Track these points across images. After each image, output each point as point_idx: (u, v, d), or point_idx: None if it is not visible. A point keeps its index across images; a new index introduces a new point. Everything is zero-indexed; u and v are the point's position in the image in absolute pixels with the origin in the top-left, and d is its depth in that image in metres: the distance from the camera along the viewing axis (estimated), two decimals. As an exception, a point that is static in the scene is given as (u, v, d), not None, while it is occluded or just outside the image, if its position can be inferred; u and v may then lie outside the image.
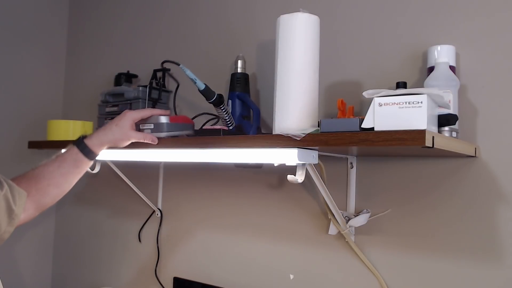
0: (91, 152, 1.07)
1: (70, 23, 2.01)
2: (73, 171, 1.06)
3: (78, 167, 1.07)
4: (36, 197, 1.02)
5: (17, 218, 0.97)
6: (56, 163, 1.05)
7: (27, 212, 1.00)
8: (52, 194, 1.04)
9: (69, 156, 1.06)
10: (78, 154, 1.06)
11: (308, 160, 0.92)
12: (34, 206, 1.02)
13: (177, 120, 1.13)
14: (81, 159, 1.06)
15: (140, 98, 1.44)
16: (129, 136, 1.08)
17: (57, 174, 1.04)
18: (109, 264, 1.74)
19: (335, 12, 1.25)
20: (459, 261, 1.03)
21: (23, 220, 1.00)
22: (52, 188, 1.04)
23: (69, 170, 1.05)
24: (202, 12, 1.55)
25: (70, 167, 1.06)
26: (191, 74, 1.07)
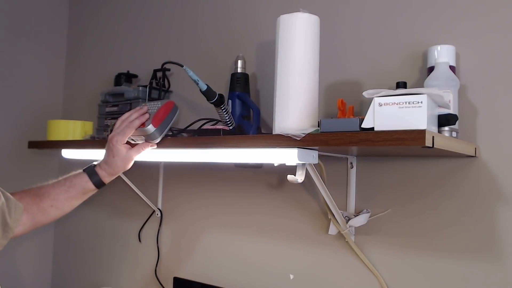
0: (102, 182, 1.09)
1: (70, 23, 2.01)
2: (79, 197, 1.08)
3: (85, 193, 1.08)
4: (36, 215, 1.02)
5: (11, 232, 0.97)
6: (64, 187, 1.05)
7: (23, 226, 1.01)
8: (52, 215, 1.05)
9: (79, 183, 1.07)
10: (88, 182, 1.07)
11: (308, 160, 0.92)
12: (32, 222, 1.02)
13: (161, 119, 1.08)
14: (90, 188, 1.08)
15: (140, 98, 1.44)
16: (131, 159, 1.08)
17: (62, 197, 1.05)
18: (109, 264, 1.74)
19: (335, 12, 1.25)
20: (459, 261, 1.04)
21: (18, 233, 1.00)
22: (54, 210, 1.04)
23: (75, 196, 1.07)
24: (202, 12, 1.55)
25: (77, 193, 1.07)
26: (194, 75, 1.07)
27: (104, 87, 1.70)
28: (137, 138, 1.09)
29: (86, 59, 1.92)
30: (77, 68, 1.96)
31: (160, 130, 1.07)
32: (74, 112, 1.92)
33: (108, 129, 1.37)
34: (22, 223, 0.99)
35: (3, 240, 0.96)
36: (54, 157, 1.92)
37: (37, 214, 1.02)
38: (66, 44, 2.01)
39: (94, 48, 1.90)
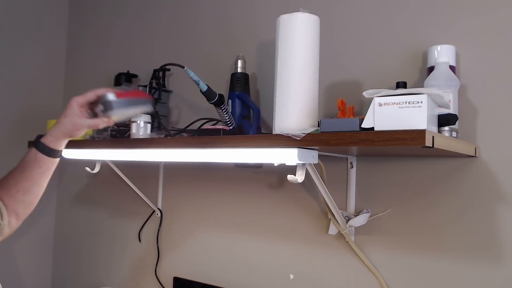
0: (50, 149, 1.03)
1: (70, 23, 2.01)
2: (37, 171, 1.03)
3: (41, 166, 1.03)
4: (11, 206, 1.00)
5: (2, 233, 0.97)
6: (19, 168, 1.03)
7: (10, 225, 1.00)
8: (25, 201, 1.02)
9: (29, 158, 1.03)
10: (37, 153, 1.03)
11: (308, 160, 0.92)
12: (13, 215, 1.01)
13: (127, 95, 1.03)
14: (42, 158, 1.03)
15: (140, 98, 1.44)
16: (81, 125, 1.03)
17: (22, 179, 1.02)
18: (109, 264, 1.74)
19: (335, 12, 1.25)
20: (459, 260, 1.04)
21: (8, 234, 1.00)
22: (21, 194, 1.01)
23: (32, 172, 1.02)
24: (202, 12, 1.55)
25: (32, 168, 1.03)
26: (195, 76, 1.07)
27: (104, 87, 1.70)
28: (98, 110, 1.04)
29: (86, 59, 1.92)
30: (77, 68, 1.96)
31: (119, 104, 1.02)
32: (74, 112, 1.92)
33: (108, 129, 1.36)
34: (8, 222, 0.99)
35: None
36: (54, 157, 1.92)
37: (11, 205, 1.00)
38: (66, 44, 2.01)
39: (94, 48, 1.90)
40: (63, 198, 1.94)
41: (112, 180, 1.69)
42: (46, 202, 1.93)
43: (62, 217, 1.94)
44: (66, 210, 1.92)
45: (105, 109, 1.02)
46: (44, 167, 1.04)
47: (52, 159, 1.04)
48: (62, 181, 1.95)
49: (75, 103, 1.03)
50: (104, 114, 1.02)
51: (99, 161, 1.46)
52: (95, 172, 1.45)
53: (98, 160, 1.46)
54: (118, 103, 1.02)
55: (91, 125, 1.04)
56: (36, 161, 1.03)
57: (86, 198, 1.85)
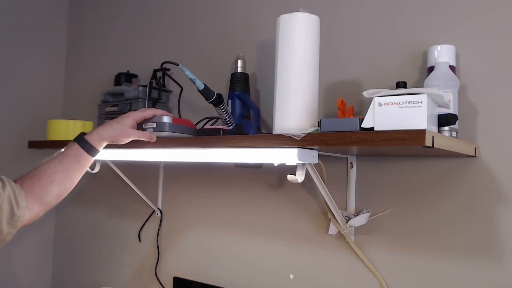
0: (92, 147, 1.08)
1: (70, 23, 2.01)
2: (74, 166, 1.06)
3: (78, 162, 1.07)
4: (39, 195, 1.01)
5: (19, 220, 0.97)
6: (57, 159, 1.06)
7: (31, 211, 1.00)
8: (55, 192, 1.04)
9: (70, 152, 1.07)
10: (79, 149, 1.07)
11: (308, 160, 0.92)
12: (38, 204, 1.01)
13: (180, 122, 1.14)
14: (81, 154, 1.07)
15: (140, 98, 1.44)
16: (129, 134, 1.10)
17: (58, 170, 1.04)
18: (109, 264, 1.74)
19: (335, 12, 1.25)
20: (459, 260, 1.04)
21: (28, 220, 1.00)
22: (55, 185, 1.03)
23: (70, 165, 1.06)
24: (202, 12, 1.55)
25: (71, 162, 1.06)
26: (190, 74, 1.07)
27: (104, 87, 1.70)
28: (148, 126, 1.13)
29: (86, 59, 1.92)
30: (77, 68, 1.96)
31: (172, 127, 1.11)
32: (74, 112, 1.92)
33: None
34: (29, 209, 0.99)
35: (12, 230, 0.96)
36: (54, 157, 1.92)
37: (40, 194, 1.01)
38: (66, 44, 2.01)
39: (94, 48, 1.90)
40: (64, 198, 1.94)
41: (112, 180, 1.69)
42: (46, 202, 1.94)
43: (62, 217, 1.94)
44: (66, 210, 1.92)
45: (157, 128, 1.10)
46: (81, 163, 1.07)
47: (90, 157, 1.08)
48: (62, 181, 1.95)
49: (132, 116, 1.11)
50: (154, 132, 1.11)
51: (99, 161, 1.46)
52: (95, 172, 1.45)
53: (98, 160, 1.46)
54: (171, 127, 1.11)
55: (137, 136, 1.10)
56: (76, 156, 1.06)
57: (86, 198, 1.85)
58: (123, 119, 1.10)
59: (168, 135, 1.11)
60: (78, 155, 1.07)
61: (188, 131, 1.15)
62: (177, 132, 1.13)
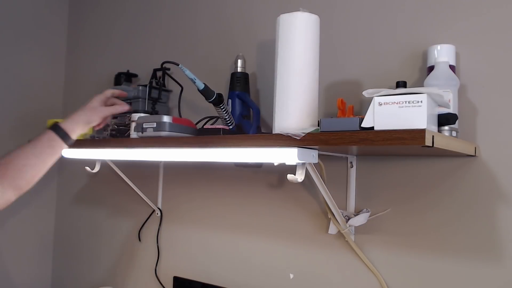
0: (66, 134, 1.11)
1: (70, 23, 2.01)
2: (47, 151, 1.09)
3: (51, 147, 1.10)
4: (13, 179, 1.03)
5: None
6: (30, 145, 1.09)
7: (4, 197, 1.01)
8: (28, 175, 1.06)
9: (43, 137, 1.11)
10: (52, 134, 1.11)
11: (308, 159, 0.92)
12: (11, 188, 1.03)
13: (180, 122, 1.14)
14: (54, 139, 1.10)
15: (140, 97, 1.44)
16: (100, 111, 1.16)
17: (31, 154, 1.07)
18: (109, 264, 1.74)
19: (335, 11, 1.25)
20: (459, 260, 1.04)
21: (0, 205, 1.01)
22: (28, 169, 1.06)
23: (43, 150, 1.09)
24: (202, 11, 1.55)
25: (44, 147, 1.09)
26: (190, 74, 1.07)
27: (104, 87, 1.70)
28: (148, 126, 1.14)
29: (86, 59, 1.92)
30: (77, 68, 1.96)
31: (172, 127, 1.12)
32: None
33: (108, 129, 1.36)
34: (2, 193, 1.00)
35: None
36: (54, 156, 1.92)
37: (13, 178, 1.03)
38: (66, 44, 2.01)
39: (94, 47, 1.90)
40: (63, 197, 1.94)
41: (112, 179, 1.69)
42: (46, 202, 1.94)
43: (62, 216, 1.94)
44: (66, 209, 1.92)
45: (157, 127, 1.12)
46: (54, 149, 1.11)
47: (63, 143, 1.11)
48: (62, 180, 1.95)
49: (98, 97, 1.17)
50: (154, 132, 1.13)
51: (99, 160, 1.46)
52: (95, 172, 1.45)
53: (98, 160, 1.46)
54: (172, 126, 1.12)
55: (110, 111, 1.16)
56: (49, 140, 1.10)
57: (86, 197, 1.85)
58: (91, 101, 1.17)
59: (168, 135, 1.11)
60: (52, 140, 1.10)
61: (188, 131, 1.15)
62: (177, 131, 1.13)
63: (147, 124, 1.13)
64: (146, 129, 1.13)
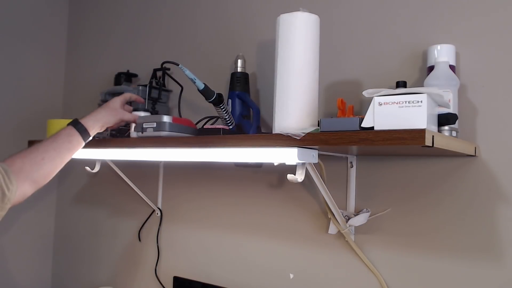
0: (85, 130, 1.13)
1: (70, 23, 2.01)
2: (66, 146, 1.11)
3: (70, 142, 1.11)
4: (31, 172, 1.03)
5: (9, 202, 0.98)
6: (50, 139, 1.11)
7: (21, 189, 1.01)
8: (45, 169, 1.07)
9: (63, 132, 1.12)
10: (72, 129, 1.13)
11: (308, 159, 0.92)
12: (28, 182, 1.03)
13: (180, 122, 1.15)
14: (74, 134, 1.12)
15: (140, 97, 1.44)
16: (122, 115, 1.21)
17: (50, 148, 1.08)
18: (109, 264, 1.74)
19: (335, 11, 1.25)
20: (459, 260, 1.04)
21: (18, 199, 1.01)
22: (46, 162, 1.06)
23: (62, 145, 1.10)
24: (202, 11, 1.55)
25: (63, 142, 1.11)
26: (190, 74, 1.07)
27: (104, 87, 1.70)
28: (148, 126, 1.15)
29: (86, 59, 1.92)
30: (77, 68, 1.96)
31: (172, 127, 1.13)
32: (74, 112, 1.92)
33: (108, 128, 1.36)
34: (20, 186, 1.00)
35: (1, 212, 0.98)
36: (54, 156, 1.92)
37: (31, 171, 1.03)
38: (66, 44, 2.01)
39: (94, 47, 1.90)
40: (63, 197, 1.94)
41: (112, 179, 1.69)
42: (46, 202, 1.94)
43: (62, 216, 1.94)
44: (66, 209, 1.92)
45: (157, 127, 1.12)
46: (72, 143, 1.12)
47: (81, 140, 1.13)
48: (62, 180, 1.95)
49: (118, 99, 1.22)
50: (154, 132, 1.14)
51: (99, 160, 1.46)
52: (95, 172, 1.45)
53: (98, 160, 1.46)
54: (172, 126, 1.12)
55: (128, 117, 1.21)
56: (68, 135, 1.12)
57: (86, 197, 1.85)
58: (112, 103, 1.21)
59: (168, 135, 1.11)
60: (71, 135, 1.12)
61: (188, 131, 1.16)
62: (177, 131, 1.13)
63: (147, 124, 1.14)
64: (146, 129, 1.13)
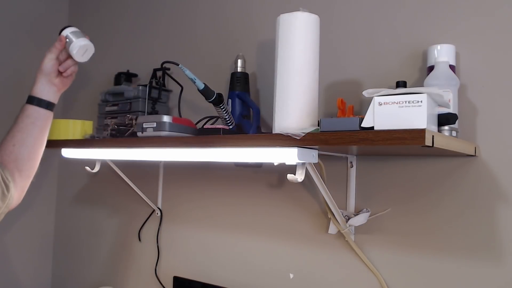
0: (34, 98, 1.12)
1: (70, 23, 2.01)
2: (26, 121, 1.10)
3: (28, 116, 1.11)
4: (12, 164, 1.04)
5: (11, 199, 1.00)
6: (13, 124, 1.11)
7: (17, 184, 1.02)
8: (24, 154, 1.06)
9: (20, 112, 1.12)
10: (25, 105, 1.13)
11: (308, 159, 0.92)
12: (16, 173, 1.03)
13: (180, 122, 1.15)
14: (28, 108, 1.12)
15: (140, 97, 1.44)
16: (47, 57, 1.20)
17: (16, 131, 1.08)
18: (109, 264, 1.74)
19: (335, 11, 1.25)
20: (459, 260, 1.04)
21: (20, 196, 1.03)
22: (17, 147, 1.06)
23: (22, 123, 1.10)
24: (202, 11, 1.55)
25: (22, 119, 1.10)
26: (190, 74, 1.07)
27: (104, 86, 1.70)
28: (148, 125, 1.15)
29: (86, 59, 1.92)
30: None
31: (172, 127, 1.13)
32: (74, 111, 1.92)
33: (108, 128, 1.36)
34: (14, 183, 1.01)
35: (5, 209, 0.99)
36: (54, 156, 1.92)
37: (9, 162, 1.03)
38: (66, 43, 2.01)
39: (94, 47, 1.90)
40: (63, 197, 1.94)
41: (112, 179, 1.69)
42: (46, 202, 1.94)
43: (62, 216, 1.94)
44: (66, 209, 1.92)
45: (157, 127, 1.12)
46: (32, 117, 1.11)
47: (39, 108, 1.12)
48: (62, 180, 1.95)
49: (44, 60, 1.21)
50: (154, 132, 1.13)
51: (99, 160, 1.46)
52: (95, 172, 1.45)
53: (98, 160, 1.46)
54: (172, 126, 1.12)
55: (51, 50, 1.20)
56: (23, 111, 1.12)
57: (86, 197, 1.85)
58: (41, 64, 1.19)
59: (168, 135, 1.11)
60: (25, 110, 1.11)
61: (188, 131, 1.16)
62: (177, 131, 1.13)
63: (147, 124, 1.13)
64: (146, 129, 1.13)
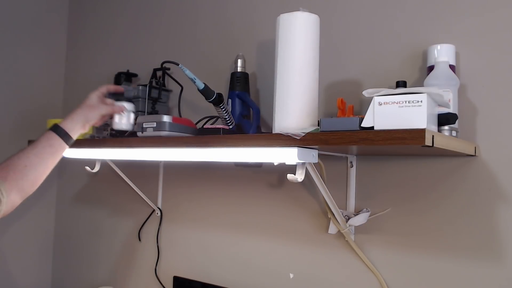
0: (66, 133, 1.12)
1: (70, 22, 2.01)
2: (47, 150, 1.10)
3: (51, 146, 1.11)
4: (15, 181, 1.03)
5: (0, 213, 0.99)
6: (30, 146, 1.10)
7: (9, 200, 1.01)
8: (30, 176, 1.06)
9: (43, 137, 1.12)
10: (52, 133, 1.12)
11: (308, 159, 0.92)
12: (15, 191, 1.03)
13: (180, 121, 1.15)
14: (54, 138, 1.11)
15: (140, 97, 1.44)
16: (100, 109, 1.19)
17: (31, 154, 1.07)
18: (109, 264, 1.74)
19: (335, 11, 1.25)
20: (459, 260, 1.04)
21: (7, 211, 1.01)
22: (29, 169, 1.05)
23: (43, 149, 1.09)
24: (202, 11, 1.55)
25: (43, 146, 1.10)
26: (190, 74, 1.07)
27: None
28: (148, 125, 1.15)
29: (86, 59, 1.92)
30: (77, 68, 1.96)
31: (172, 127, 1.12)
32: (74, 112, 1.92)
33: (107, 128, 1.36)
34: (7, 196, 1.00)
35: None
36: (54, 156, 1.92)
37: (15, 180, 1.03)
38: (66, 43, 2.01)
39: (94, 47, 1.90)
40: (63, 197, 1.94)
41: (112, 179, 1.69)
42: (46, 202, 1.94)
43: (62, 216, 1.94)
44: (66, 209, 1.92)
45: (157, 127, 1.12)
46: (54, 147, 1.11)
47: (63, 142, 1.12)
48: (62, 180, 1.95)
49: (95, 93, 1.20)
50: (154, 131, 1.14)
51: (99, 160, 1.46)
52: (95, 172, 1.45)
53: (98, 160, 1.46)
54: (172, 126, 1.13)
55: (107, 110, 1.19)
56: (48, 139, 1.11)
57: (86, 197, 1.85)
58: (89, 99, 1.19)
59: (168, 135, 1.11)
60: (51, 139, 1.11)
61: (188, 131, 1.16)
62: (177, 131, 1.13)
63: (147, 123, 1.14)
64: (146, 128, 1.13)
